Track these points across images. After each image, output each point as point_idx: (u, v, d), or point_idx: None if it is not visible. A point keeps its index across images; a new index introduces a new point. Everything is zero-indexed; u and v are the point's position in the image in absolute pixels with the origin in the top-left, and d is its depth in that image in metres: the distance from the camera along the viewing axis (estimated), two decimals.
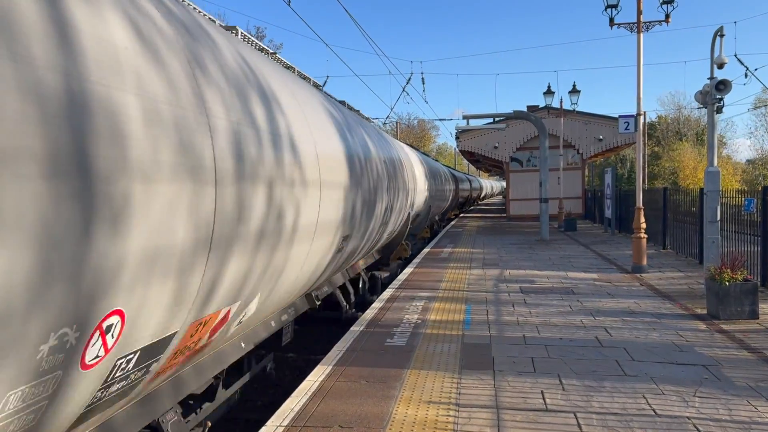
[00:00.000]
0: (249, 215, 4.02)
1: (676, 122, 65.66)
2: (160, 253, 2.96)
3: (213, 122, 3.60)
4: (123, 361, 2.98)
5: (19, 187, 2.06)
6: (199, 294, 3.52)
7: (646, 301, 9.54)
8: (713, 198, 10.10)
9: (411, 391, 5.49)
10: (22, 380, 2.24)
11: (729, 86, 9.78)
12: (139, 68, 2.91)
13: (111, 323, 2.70)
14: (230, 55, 4.43)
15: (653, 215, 17.07)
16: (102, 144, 2.50)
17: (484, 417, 4.87)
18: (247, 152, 4.03)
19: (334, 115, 7.73)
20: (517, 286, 11.08)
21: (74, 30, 2.48)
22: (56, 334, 2.33)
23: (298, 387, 5.67)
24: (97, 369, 2.73)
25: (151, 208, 2.85)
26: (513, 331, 7.70)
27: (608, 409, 5.02)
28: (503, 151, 31.19)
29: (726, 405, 5.09)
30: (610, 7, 13.39)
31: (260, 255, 4.38)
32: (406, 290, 10.83)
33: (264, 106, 4.68)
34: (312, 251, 5.88)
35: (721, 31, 10.01)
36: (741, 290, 8.24)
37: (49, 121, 2.22)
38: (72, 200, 2.31)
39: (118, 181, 2.59)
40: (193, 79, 3.51)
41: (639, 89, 13.01)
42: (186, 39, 3.68)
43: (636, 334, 7.50)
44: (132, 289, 2.77)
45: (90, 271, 2.44)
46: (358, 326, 8.06)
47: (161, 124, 2.99)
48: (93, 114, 2.47)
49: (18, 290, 2.09)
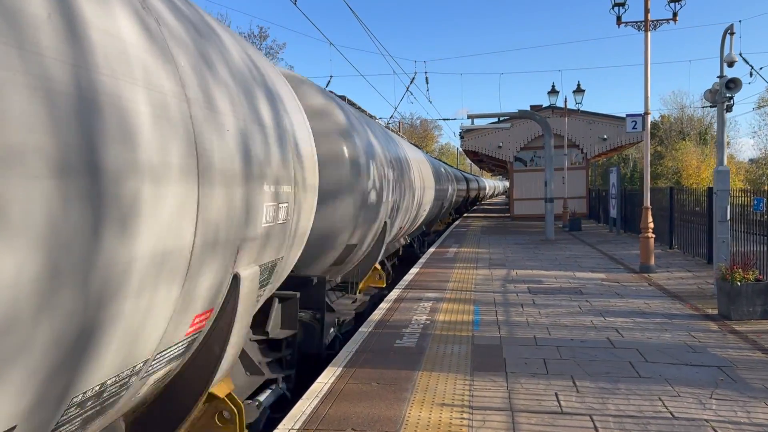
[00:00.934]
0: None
1: (679, 122, 65.47)
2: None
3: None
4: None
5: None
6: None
7: (656, 302, 9.44)
8: (723, 197, 9.99)
9: (423, 393, 5.40)
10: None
11: (739, 84, 9.68)
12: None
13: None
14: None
15: (659, 215, 16.96)
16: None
17: (498, 420, 4.79)
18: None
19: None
20: (524, 287, 10.98)
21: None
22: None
23: (309, 389, 5.59)
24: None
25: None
26: (523, 332, 7.61)
27: (624, 411, 4.93)
28: (507, 151, 31.08)
29: (744, 407, 4.99)
30: (618, 6, 13.29)
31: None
32: (413, 290, 10.74)
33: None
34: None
35: (731, 29, 9.90)
36: (753, 290, 8.15)
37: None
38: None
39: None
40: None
41: (647, 88, 12.90)
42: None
43: (648, 334, 7.41)
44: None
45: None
46: (366, 327, 7.97)
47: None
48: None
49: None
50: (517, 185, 31.72)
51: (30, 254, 2.02)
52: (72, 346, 2.32)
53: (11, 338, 2.00)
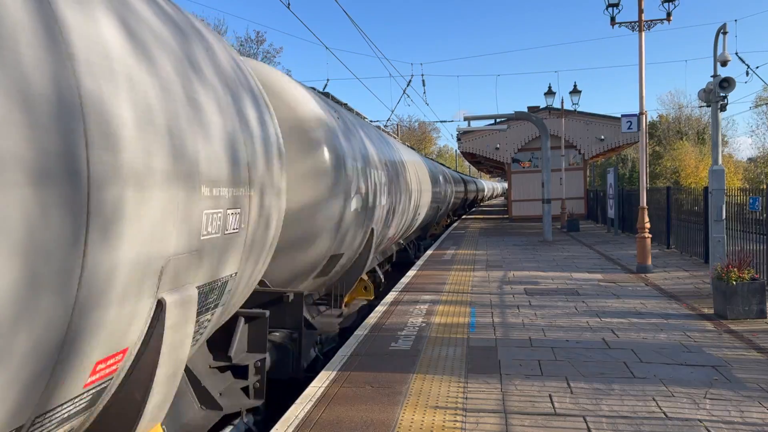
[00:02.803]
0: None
1: (677, 121, 65.48)
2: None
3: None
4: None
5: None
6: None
7: (652, 302, 9.43)
8: (718, 197, 10.00)
9: (417, 396, 5.39)
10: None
11: (733, 84, 9.69)
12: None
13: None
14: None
15: (657, 215, 16.96)
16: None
17: (492, 422, 4.77)
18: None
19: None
20: (521, 288, 10.98)
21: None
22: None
23: (303, 393, 5.57)
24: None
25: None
26: (519, 334, 7.60)
27: (618, 412, 4.92)
28: (505, 152, 31.10)
29: (737, 407, 4.98)
30: (612, 6, 13.30)
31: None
32: (410, 293, 10.73)
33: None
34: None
35: (724, 28, 9.93)
36: (748, 289, 8.14)
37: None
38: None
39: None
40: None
41: (641, 88, 12.91)
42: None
43: (643, 335, 7.40)
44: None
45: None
46: (362, 330, 7.96)
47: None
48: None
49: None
50: (515, 187, 31.72)
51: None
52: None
53: None
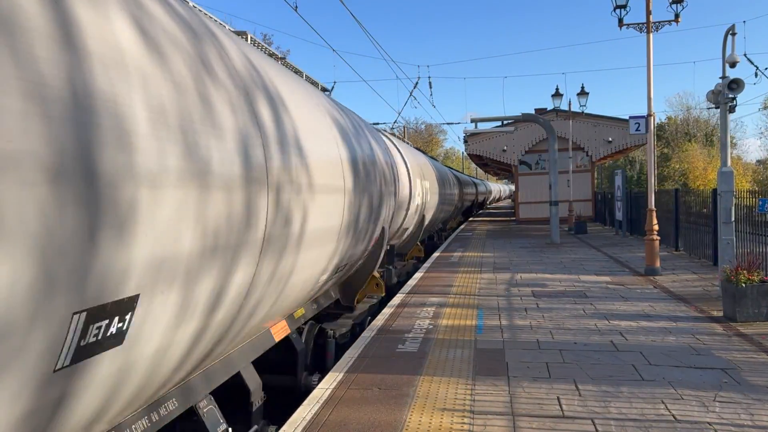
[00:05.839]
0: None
1: (685, 123, 65.23)
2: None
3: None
4: None
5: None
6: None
7: (661, 304, 9.39)
8: (727, 199, 9.95)
9: (424, 399, 5.39)
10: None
11: (742, 85, 9.64)
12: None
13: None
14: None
15: (665, 217, 16.89)
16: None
17: (499, 425, 4.77)
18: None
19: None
20: (528, 290, 10.95)
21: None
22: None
23: (310, 395, 5.58)
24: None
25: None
26: (526, 336, 7.59)
27: (627, 415, 4.91)
28: (512, 154, 31.04)
29: (747, 410, 4.96)
30: (619, 8, 13.27)
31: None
32: (417, 295, 10.73)
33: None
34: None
35: (732, 29, 9.88)
36: (758, 292, 8.09)
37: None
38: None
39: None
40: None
41: (649, 90, 12.88)
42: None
43: (652, 337, 7.37)
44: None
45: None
46: (369, 332, 7.97)
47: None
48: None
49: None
50: (522, 189, 31.65)
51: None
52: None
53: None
